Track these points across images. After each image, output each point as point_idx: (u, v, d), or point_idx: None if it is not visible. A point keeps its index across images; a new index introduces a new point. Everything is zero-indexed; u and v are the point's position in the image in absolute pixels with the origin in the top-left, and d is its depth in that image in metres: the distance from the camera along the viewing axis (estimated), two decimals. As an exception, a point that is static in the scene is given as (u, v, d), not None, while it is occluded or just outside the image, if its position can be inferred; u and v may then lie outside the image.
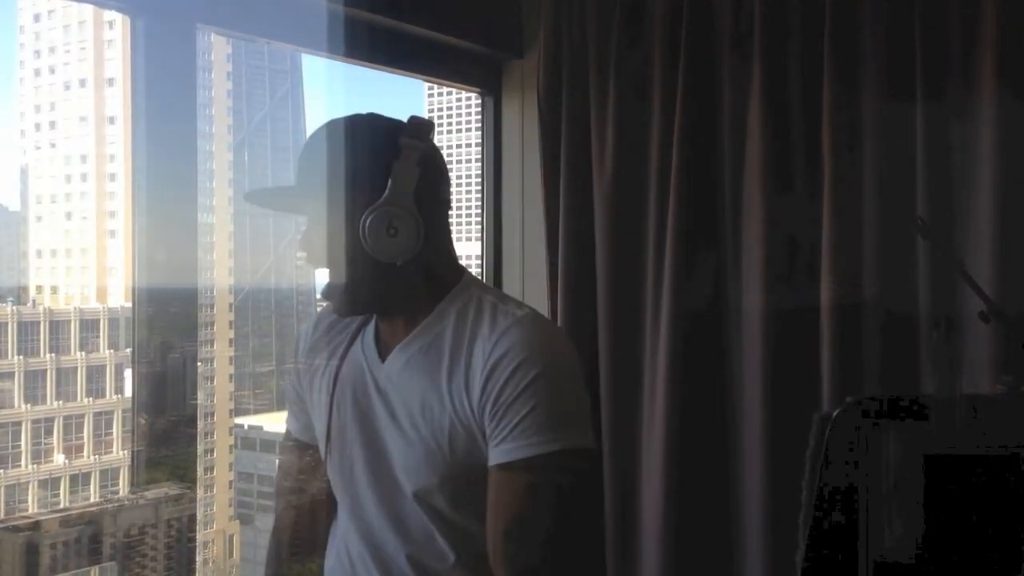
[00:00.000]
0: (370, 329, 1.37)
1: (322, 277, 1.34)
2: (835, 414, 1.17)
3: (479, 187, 2.45)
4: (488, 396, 1.23)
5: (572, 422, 1.25)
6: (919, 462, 1.14)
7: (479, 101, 2.43)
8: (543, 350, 1.25)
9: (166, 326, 1.77)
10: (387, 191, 1.23)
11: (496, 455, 1.22)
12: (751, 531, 2.00)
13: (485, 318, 1.28)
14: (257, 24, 1.83)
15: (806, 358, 1.95)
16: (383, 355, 1.34)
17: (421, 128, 1.28)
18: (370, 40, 2.00)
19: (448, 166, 1.39)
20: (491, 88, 2.35)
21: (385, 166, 1.24)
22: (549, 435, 1.21)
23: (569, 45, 2.18)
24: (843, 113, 1.91)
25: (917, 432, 1.16)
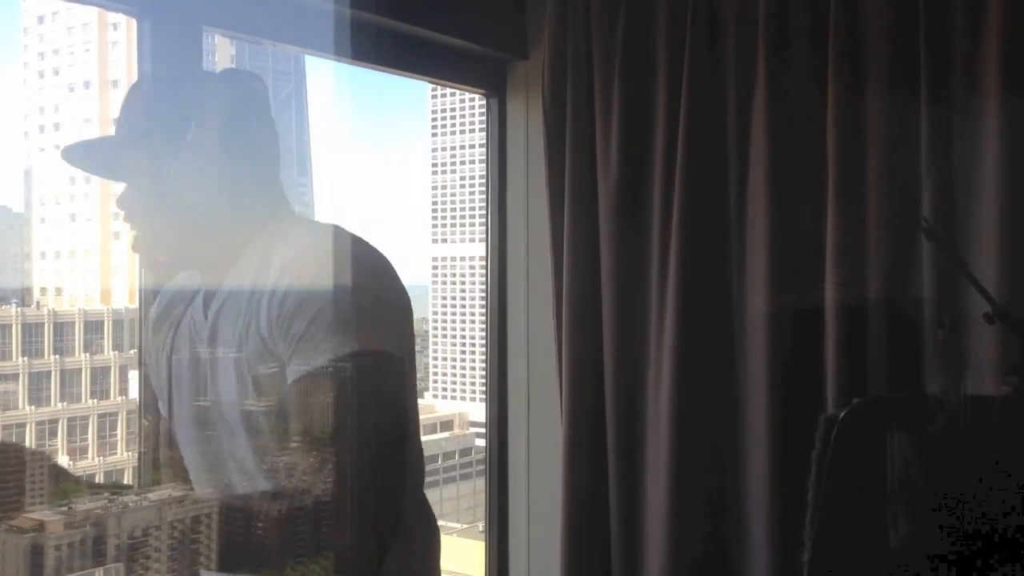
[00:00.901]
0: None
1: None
2: (841, 415, 1.17)
3: (483, 189, 2.45)
4: (275, 316, 1.23)
5: (366, 330, 1.24)
6: (925, 462, 1.14)
7: (483, 103, 2.43)
8: (317, 264, 1.27)
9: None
10: (189, 136, 1.27)
11: (291, 372, 1.23)
12: (756, 533, 2.00)
13: (281, 243, 1.28)
14: (262, 26, 1.83)
15: (811, 360, 1.95)
16: (207, 311, 1.35)
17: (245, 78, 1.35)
18: (375, 42, 2.01)
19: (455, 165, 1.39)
20: (496, 90, 2.35)
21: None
22: (338, 342, 1.21)
23: (574, 47, 2.18)
24: (848, 115, 1.91)
25: (922, 433, 1.16)
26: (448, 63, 2.23)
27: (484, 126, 2.43)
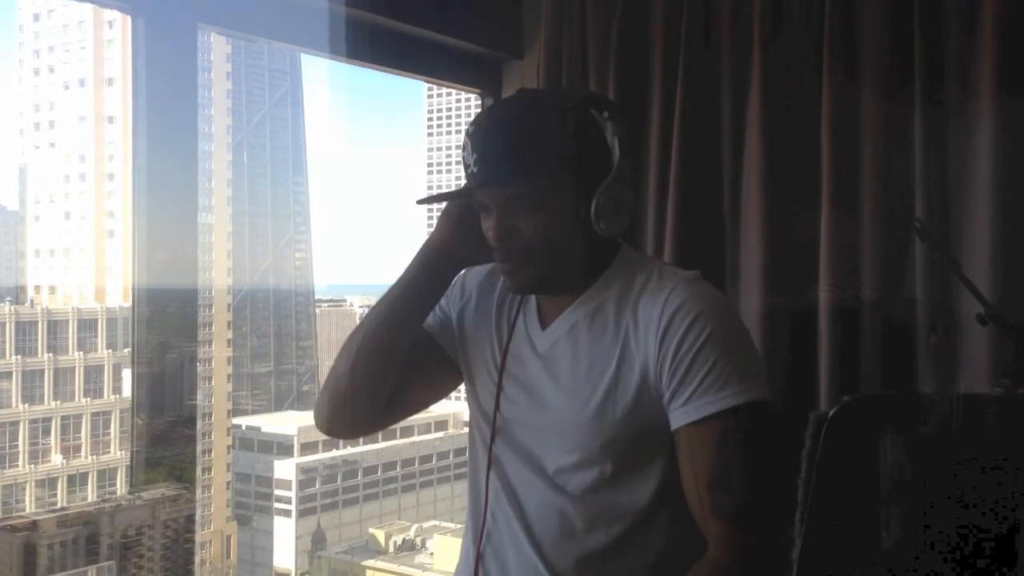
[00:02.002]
0: (530, 300, 1.39)
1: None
2: (831, 413, 1.17)
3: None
4: (665, 354, 1.24)
5: (752, 375, 1.26)
6: (916, 463, 1.14)
7: (479, 102, 2.43)
8: (713, 306, 1.28)
9: (165, 326, 1.77)
10: (614, 168, 1.26)
11: (683, 415, 1.23)
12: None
13: (652, 280, 1.30)
14: (258, 24, 1.83)
15: (805, 360, 1.95)
16: (544, 323, 1.36)
17: (614, 103, 1.36)
18: (371, 40, 2.01)
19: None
20: (491, 89, 2.35)
21: (600, 141, 1.28)
22: (734, 388, 1.22)
23: (569, 46, 2.18)
24: (842, 115, 1.91)
25: (913, 432, 1.16)
26: (443, 62, 2.23)
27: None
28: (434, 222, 1.47)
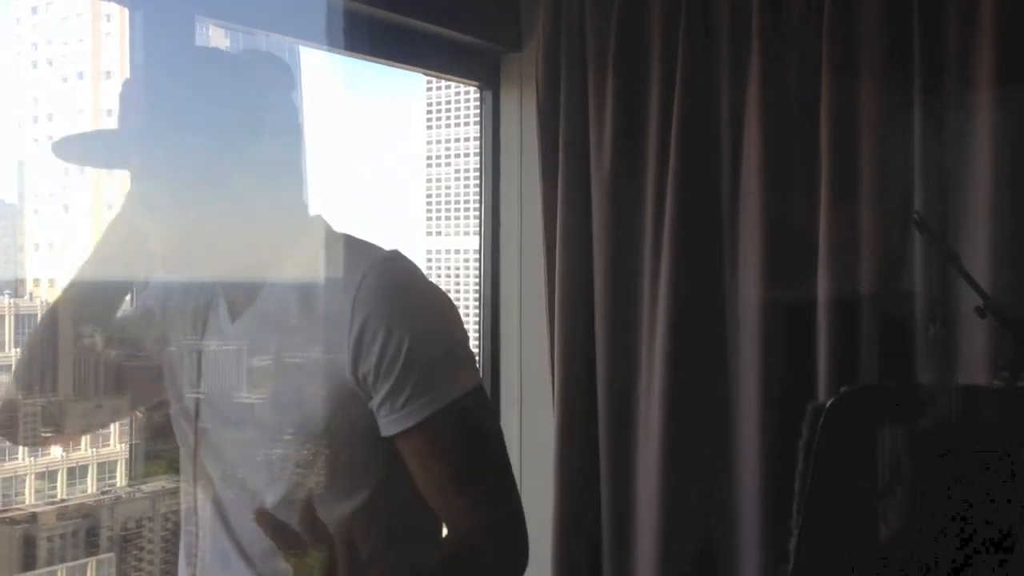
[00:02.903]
0: (218, 296, 1.25)
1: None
2: (828, 404, 1.17)
3: (477, 181, 2.45)
4: (368, 363, 1.12)
5: (457, 369, 1.17)
6: (914, 454, 1.14)
7: (477, 95, 2.43)
8: (409, 298, 1.16)
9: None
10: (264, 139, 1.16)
11: (396, 423, 1.14)
12: (748, 523, 2.01)
13: (342, 275, 1.16)
14: (256, 16, 1.83)
15: (803, 353, 1.95)
16: (233, 317, 1.23)
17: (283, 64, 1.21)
18: (369, 33, 2.00)
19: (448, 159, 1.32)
20: (489, 82, 2.34)
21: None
22: (443, 388, 1.14)
23: (568, 38, 2.18)
24: (841, 107, 1.91)
25: (911, 423, 1.16)
26: (442, 55, 2.23)
27: (478, 118, 2.43)
28: (432, 215, 1.42)
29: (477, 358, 2.44)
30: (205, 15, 1.68)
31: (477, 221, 2.45)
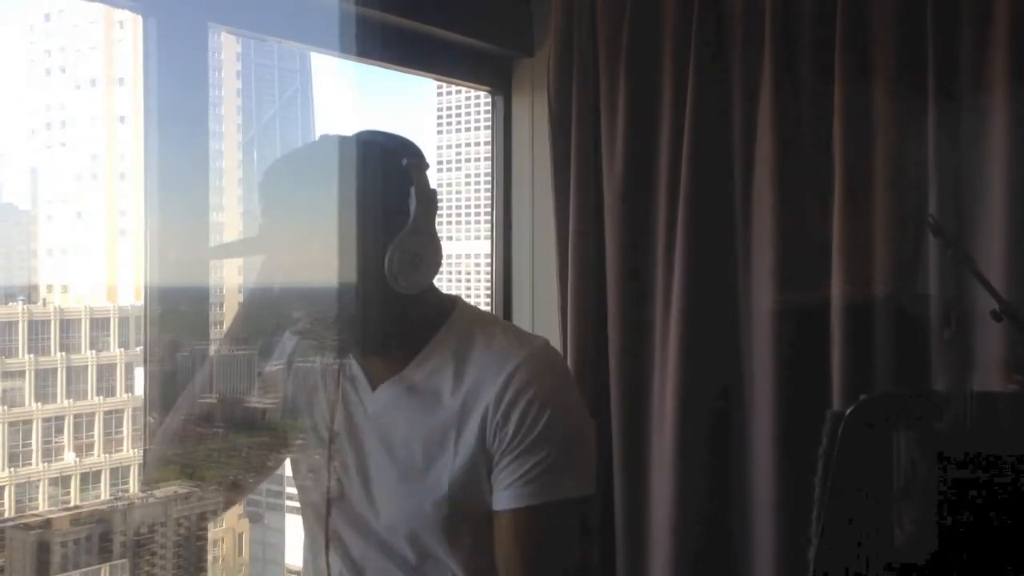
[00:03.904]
0: (352, 362, 1.30)
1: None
2: (848, 411, 1.16)
3: (489, 187, 2.44)
4: (500, 438, 1.18)
5: (582, 470, 1.22)
6: (932, 460, 1.13)
7: (488, 100, 2.43)
8: (556, 393, 1.21)
9: (177, 325, 1.78)
10: (411, 218, 1.18)
11: (505, 499, 1.19)
12: (761, 531, 2.00)
13: (492, 353, 1.22)
14: (268, 23, 1.83)
15: (817, 357, 1.94)
16: (373, 385, 1.28)
17: (417, 148, 1.22)
18: (381, 39, 2.00)
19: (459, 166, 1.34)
20: (501, 87, 2.34)
21: (399, 192, 1.19)
22: (561, 482, 1.18)
23: (580, 44, 2.18)
24: (855, 111, 1.90)
25: (929, 429, 1.15)
26: (453, 60, 2.23)
27: (489, 123, 2.43)
28: (443, 220, 1.43)
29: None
30: (218, 22, 1.68)
31: (488, 225, 2.45)
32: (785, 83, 1.97)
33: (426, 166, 1.22)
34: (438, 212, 1.25)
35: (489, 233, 2.45)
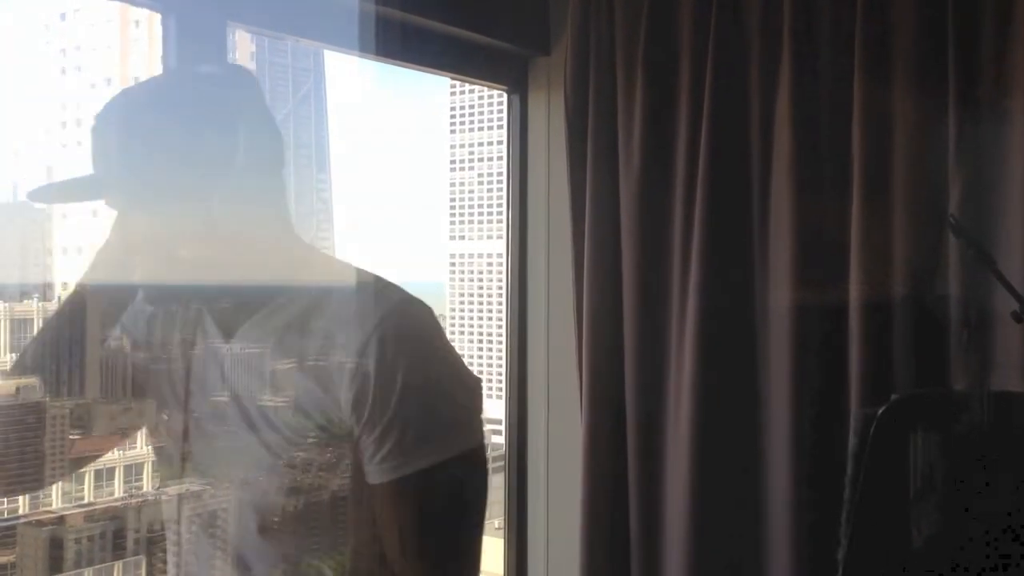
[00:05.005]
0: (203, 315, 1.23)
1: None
2: (880, 411, 1.15)
3: (502, 186, 2.44)
4: (362, 407, 1.11)
5: (456, 429, 1.16)
6: (961, 460, 1.12)
7: (503, 99, 2.42)
8: (418, 350, 1.15)
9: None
10: (240, 155, 1.13)
11: (380, 472, 1.13)
12: (778, 531, 1.99)
13: (352, 309, 1.15)
14: (285, 21, 1.83)
15: (835, 358, 1.93)
16: (227, 335, 1.20)
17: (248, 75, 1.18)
18: (397, 38, 2.00)
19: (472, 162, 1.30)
20: (517, 86, 2.33)
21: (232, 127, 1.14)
22: (435, 445, 1.13)
23: (596, 42, 2.17)
24: (874, 110, 1.89)
25: (961, 429, 1.14)
26: (469, 59, 2.22)
27: (503, 123, 2.42)
28: (456, 219, 1.40)
29: (503, 362, 2.44)
30: (237, 20, 1.68)
31: (502, 225, 2.44)
32: (804, 81, 1.96)
33: (256, 96, 1.18)
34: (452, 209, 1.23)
35: (503, 232, 2.44)
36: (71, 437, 1.32)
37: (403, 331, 1.14)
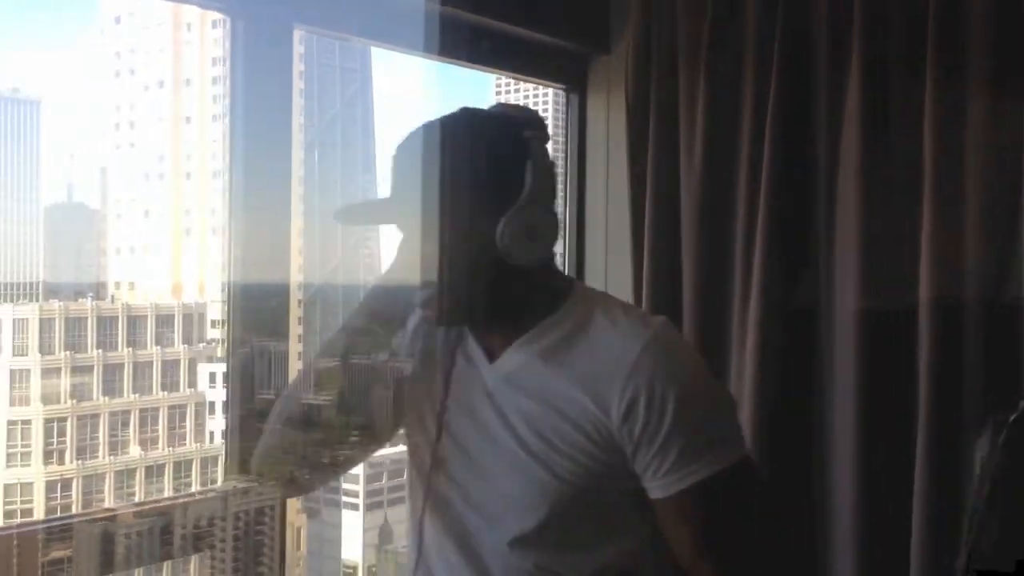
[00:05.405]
0: (467, 335, 1.32)
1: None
2: (1012, 419, 1.12)
3: (561, 185, 2.43)
4: (634, 422, 1.17)
5: (729, 433, 1.24)
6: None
7: (548, 99, 2.41)
8: (685, 367, 1.23)
9: (259, 321, 1.80)
10: (526, 190, 1.19)
11: (664, 487, 1.19)
12: (842, 533, 1.95)
13: (617, 330, 1.22)
14: (348, 23, 1.84)
15: (903, 363, 1.89)
16: (491, 359, 1.28)
17: (540, 120, 1.24)
18: (457, 37, 2.00)
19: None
20: (576, 85, 2.32)
21: (516, 164, 1.19)
22: (705, 458, 1.18)
23: (659, 41, 2.15)
24: (946, 112, 1.84)
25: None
26: (528, 57, 2.21)
27: (559, 122, 2.41)
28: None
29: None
30: (303, 23, 1.69)
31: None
32: (874, 81, 1.91)
33: (546, 139, 1.23)
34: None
35: (562, 233, 2.43)
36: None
37: (671, 349, 1.24)
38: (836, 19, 1.95)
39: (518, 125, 1.22)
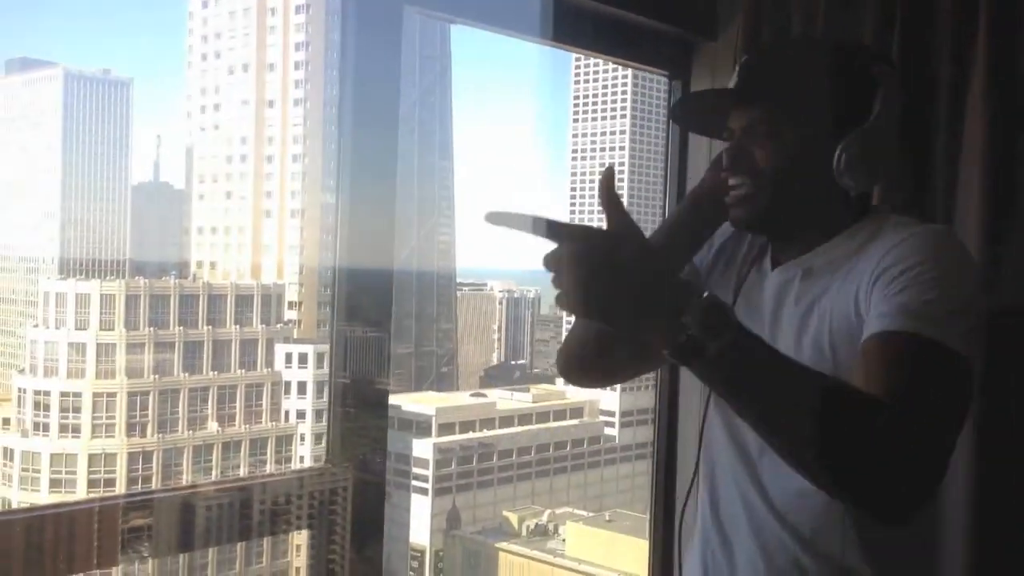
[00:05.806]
0: (766, 254, 1.36)
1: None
2: None
3: (621, 177, 2.37)
4: (880, 284, 1.15)
5: (964, 331, 1.11)
6: None
7: (624, 87, 2.36)
8: (939, 256, 1.18)
9: (359, 306, 1.80)
10: (873, 118, 1.22)
11: (874, 324, 1.12)
12: (953, 527, 1.87)
13: (886, 231, 1.23)
14: (456, 5, 1.81)
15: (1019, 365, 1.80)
16: (774, 266, 1.33)
17: (891, 58, 1.38)
18: (562, 20, 1.96)
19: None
20: (680, 72, 2.26)
21: (865, 91, 1.23)
22: (940, 323, 1.09)
23: (769, 30, 2.07)
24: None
25: None
26: (632, 42, 2.15)
27: (628, 112, 2.36)
28: (578, 212, 1.43)
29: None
30: (413, 4, 1.67)
31: (659, 213, 2.38)
32: (998, 72, 1.82)
33: (896, 74, 1.28)
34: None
35: (651, 225, 2.38)
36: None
37: (951, 249, 1.23)
38: (962, 8, 1.86)
39: (870, 56, 1.30)
